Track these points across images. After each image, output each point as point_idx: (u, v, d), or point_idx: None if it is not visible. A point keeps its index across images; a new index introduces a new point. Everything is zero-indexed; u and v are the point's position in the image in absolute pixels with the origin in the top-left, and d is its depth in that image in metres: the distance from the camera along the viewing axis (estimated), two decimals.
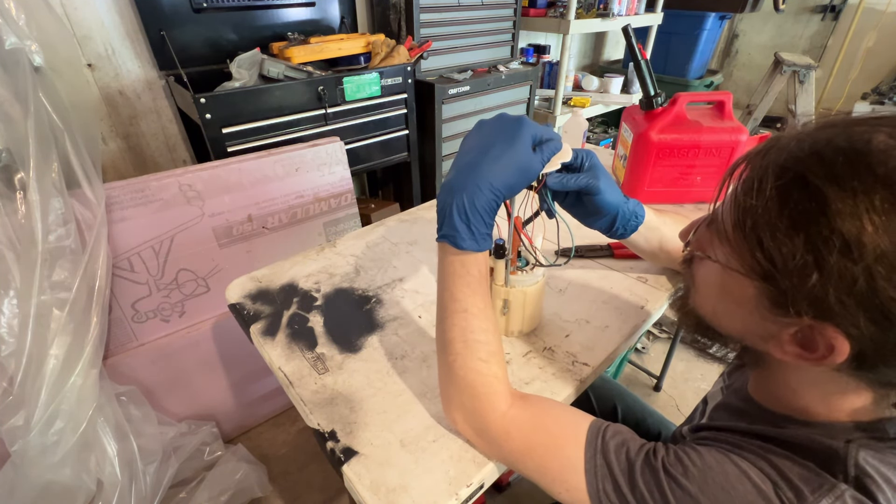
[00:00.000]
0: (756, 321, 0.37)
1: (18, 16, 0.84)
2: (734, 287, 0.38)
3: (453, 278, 0.48)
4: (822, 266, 0.30)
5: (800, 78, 2.01)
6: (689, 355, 1.67)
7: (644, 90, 0.87)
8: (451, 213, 0.45)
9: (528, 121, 0.47)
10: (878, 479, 0.32)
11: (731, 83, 3.84)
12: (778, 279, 0.33)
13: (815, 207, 0.30)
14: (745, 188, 0.35)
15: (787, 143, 0.34)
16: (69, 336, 0.89)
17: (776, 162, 0.33)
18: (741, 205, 0.35)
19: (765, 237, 0.33)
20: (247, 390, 1.33)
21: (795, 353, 0.35)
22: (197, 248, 1.14)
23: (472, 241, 0.45)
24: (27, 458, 0.86)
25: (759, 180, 0.34)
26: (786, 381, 0.41)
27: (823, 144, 0.32)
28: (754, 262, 0.34)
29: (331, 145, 1.29)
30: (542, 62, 2.41)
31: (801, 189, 0.31)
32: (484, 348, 0.46)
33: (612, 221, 0.58)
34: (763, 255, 0.33)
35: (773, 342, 0.36)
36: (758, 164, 0.35)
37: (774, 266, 0.33)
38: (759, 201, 0.33)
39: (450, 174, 0.47)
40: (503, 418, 0.45)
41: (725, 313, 0.41)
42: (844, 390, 0.36)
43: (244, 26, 1.43)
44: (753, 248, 0.34)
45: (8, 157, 0.85)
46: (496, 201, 0.45)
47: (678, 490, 0.35)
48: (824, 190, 0.30)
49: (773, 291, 0.34)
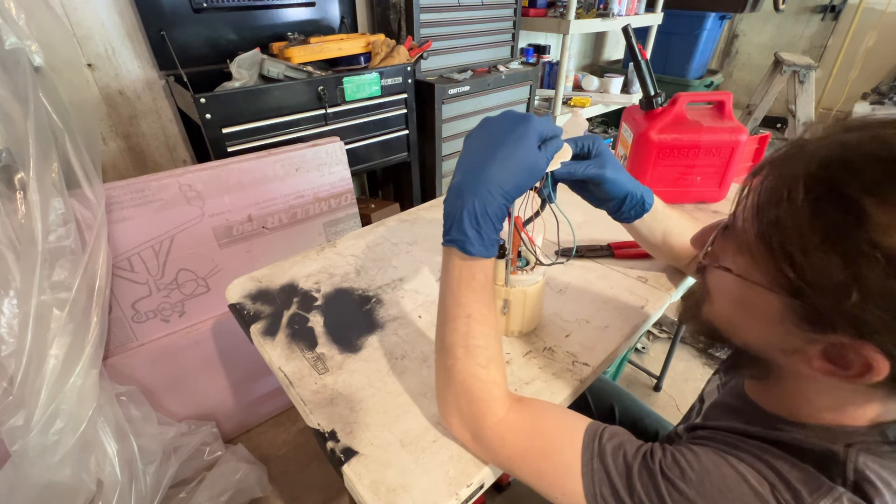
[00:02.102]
0: (779, 335, 0.35)
1: (18, 16, 0.84)
2: (756, 300, 0.36)
3: (458, 283, 0.47)
4: (862, 284, 0.28)
5: (800, 78, 2.01)
6: (689, 355, 1.67)
7: (644, 90, 0.87)
8: (462, 219, 0.44)
9: (535, 118, 0.46)
10: (878, 483, 0.32)
11: (731, 83, 3.85)
12: (809, 295, 0.31)
13: (853, 220, 0.28)
14: (769, 197, 0.33)
15: (815, 149, 0.31)
16: (69, 336, 0.89)
17: (806, 170, 0.31)
18: (766, 216, 0.33)
19: (795, 252, 0.30)
20: (247, 390, 1.33)
21: (825, 370, 0.33)
22: (197, 248, 1.14)
23: (481, 246, 0.45)
24: (27, 458, 0.86)
25: (787, 190, 0.31)
26: (799, 390, 0.39)
27: (855, 151, 0.30)
28: (781, 276, 0.32)
29: (331, 145, 1.29)
30: (542, 62, 2.41)
31: (836, 200, 0.29)
32: (484, 353, 0.46)
33: (620, 205, 0.59)
34: (794, 271, 0.31)
35: (799, 357, 0.34)
36: (783, 172, 0.33)
37: (806, 283, 0.30)
38: (787, 213, 0.31)
39: (457, 176, 0.46)
40: (499, 423, 0.44)
41: (744, 325, 0.39)
42: (868, 400, 0.35)
43: (244, 26, 1.43)
44: (780, 262, 0.32)
45: (8, 157, 0.85)
46: (507, 206, 0.45)
47: (676, 494, 0.35)
48: (861, 201, 0.28)
49: (803, 307, 0.32)
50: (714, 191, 0.92)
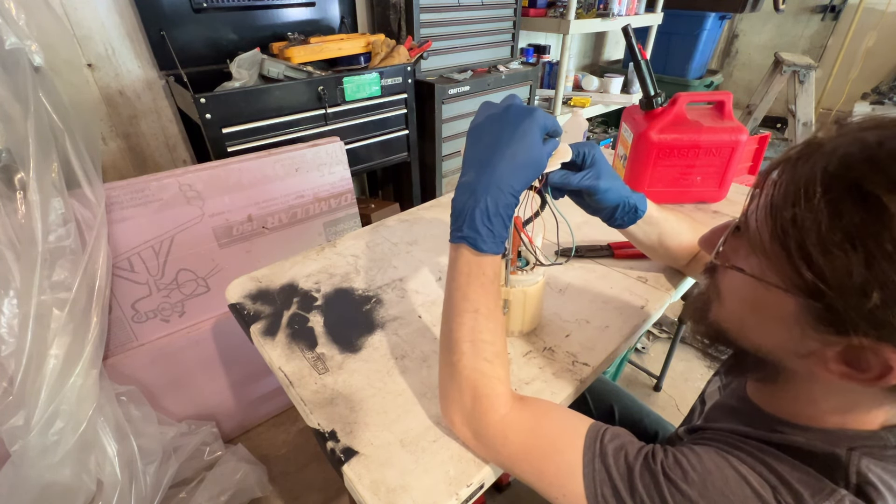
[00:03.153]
0: (794, 338, 0.34)
1: (18, 16, 0.84)
2: (770, 301, 0.35)
3: (468, 279, 0.47)
4: (885, 285, 0.27)
5: (800, 78, 2.01)
6: (689, 355, 1.67)
7: (644, 90, 0.87)
8: (474, 216, 0.45)
9: (539, 111, 0.47)
10: (881, 486, 0.32)
11: (731, 83, 3.85)
12: (829, 297, 0.30)
13: (875, 219, 0.27)
14: (785, 197, 0.32)
15: (834, 147, 0.31)
16: (69, 336, 0.89)
17: (824, 168, 0.30)
18: (781, 215, 0.32)
19: (814, 252, 0.30)
20: (247, 390, 1.33)
21: (842, 373, 0.32)
22: (197, 248, 1.14)
23: (492, 243, 0.46)
24: (27, 458, 0.86)
25: (805, 189, 0.30)
26: (806, 393, 0.38)
27: (876, 148, 0.29)
28: (797, 277, 0.31)
29: (331, 145, 1.29)
30: (542, 62, 2.41)
31: (857, 199, 0.28)
32: (490, 349, 0.46)
33: (612, 213, 0.60)
34: (812, 271, 0.30)
35: (815, 359, 0.34)
36: (799, 171, 0.32)
37: (825, 283, 0.30)
38: (805, 212, 0.30)
39: (468, 174, 0.47)
40: (502, 421, 0.44)
41: (756, 327, 0.38)
42: (879, 403, 0.35)
43: (244, 26, 1.43)
44: (798, 263, 0.31)
45: (8, 157, 0.85)
46: (516, 203, 0.46)
47: (678, 495, 0.35)
48: (885, 200, 0.27)
49: (821, 309, 0.31)
50: (714, 191, 0.92)
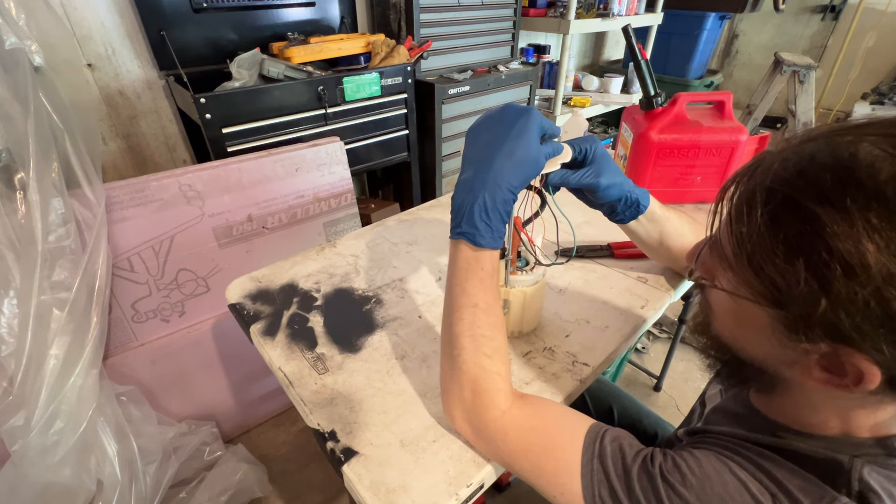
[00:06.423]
0: (776, 347, 0.35)
1: (18, 16, 0.84)
2: (747, 314, 0.36)
3: (466, 274, 0.48)
4: (828, 291, 0.28)
5: (800, 78, 2.01)
6: (690, 355, 1.67)
7: (644, 90, 0.87)
8: (473, 212, 0.46)
9: (535, 111, 0.48)
10: (883, 494, 0.32)
11: (731, 83, 3.84)
12: (787, 306, 0.31)
13: (811, 231, 0.29)
14: (736, 213, 0.34)
15: (772, 162, 0.32)
16: (69, 336, 0.89)
17: (762, 184, 0.32)
18: (735, 231, 0.34)
19: (765, 264, 0.31)
20: (247, 390, 1.33)
21: (825, 380, 0.33)
22: (197, 248, 1.14)
23: (490, 238, 0.47)
24: (27, 458, 0.86)
25: (748, 205, 0.32)
26: (807, 401, 0.39)
27: (808, 161, 0.30)
28: (762, 288, 0.33)
29: (331, 145, 1.29)
30: (542, 62, 2.41)
31: (793, 212, 0.30)
32: (490, 343, 0.47)
33: (614, 208, 0.60)
34: (768, 283, 0.32)
35: (800, 368, 0.35)
36: (747, 186, 0.33)
37: (780, 293, 0.31)
38: (751, 227, 0.32)
39: (466, 171, 0.48)
40: (502, 417, 0.44)
41: (745, 339, 0.39)
42: (875, 408, 0.35)
43: (244, 26, 1.43)
44: (757, 275, 0.32)
45: (8, 157, 0.85)
46: (514, 199, 0.47)
47: (676, 498, 0.35)
48: (817, 211, 0.28)
49: (787, 317, 0.32)
50: (714, 191, 0.92)
